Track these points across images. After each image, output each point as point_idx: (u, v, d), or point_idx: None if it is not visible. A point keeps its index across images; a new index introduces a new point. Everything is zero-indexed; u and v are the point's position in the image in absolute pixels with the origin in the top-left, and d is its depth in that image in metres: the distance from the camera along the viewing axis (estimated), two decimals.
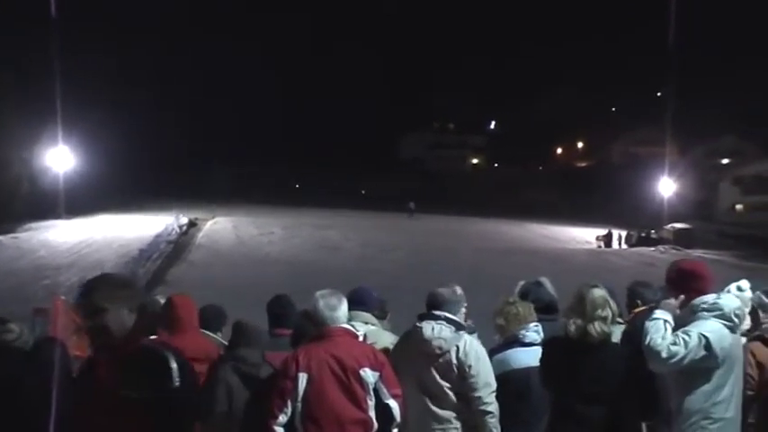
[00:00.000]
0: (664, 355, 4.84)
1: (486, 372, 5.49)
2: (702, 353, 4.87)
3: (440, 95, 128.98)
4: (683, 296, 5.15)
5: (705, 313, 5.09)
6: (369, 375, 5.05)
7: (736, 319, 5.07)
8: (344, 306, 5.31)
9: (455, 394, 5.46)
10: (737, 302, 5.13)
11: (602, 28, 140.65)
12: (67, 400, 4.53)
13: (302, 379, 5.00)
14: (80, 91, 72.58)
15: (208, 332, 6.28)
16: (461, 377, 5.43)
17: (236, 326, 5.65)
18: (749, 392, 5.43)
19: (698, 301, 5.15)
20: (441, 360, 5.45)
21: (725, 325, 5.03)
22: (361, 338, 5.91)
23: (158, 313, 6.21)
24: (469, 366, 5.43)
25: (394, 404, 5.13)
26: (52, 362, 5.18)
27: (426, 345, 5.43)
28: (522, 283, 6.86)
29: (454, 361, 5.44)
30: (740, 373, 5.14)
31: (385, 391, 5.10)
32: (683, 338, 4.87)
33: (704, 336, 4.92)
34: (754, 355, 5.48)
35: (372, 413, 5.08)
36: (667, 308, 5.07)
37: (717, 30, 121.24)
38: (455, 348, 5.45)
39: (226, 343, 6.28)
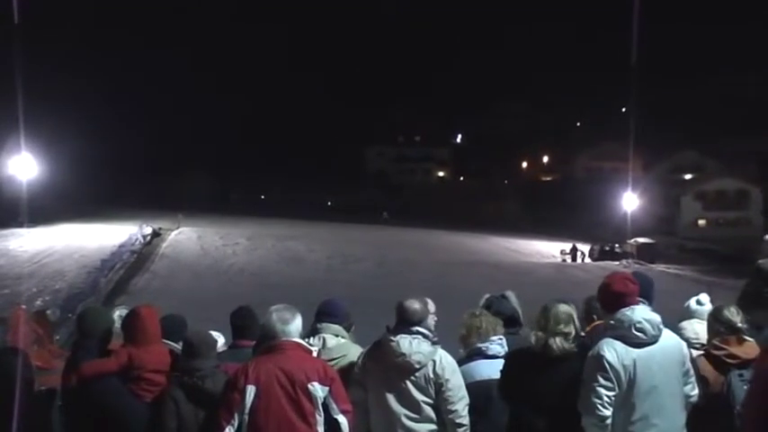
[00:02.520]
0: (602, 418, 4.95)
1: (461, 385, 5.50)
2: (600, 378, 4.95)
3: (406, 108, 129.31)
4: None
5: (608, 332, 5.16)
6: (318, 390, 5.02)
7: (639, 333, 5.03)
8: (298, 320, 5.29)
9: (431, 408, 5.46)
10: (640, 316, 5.06)
11: (566, 44, 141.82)
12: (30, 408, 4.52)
13: (250, 391, 4.97)
14: (44, 99, 72.13)
15: (170, 342, 6.27)
16: (438, 391, 5.43)
17: (184, 338, 5.63)
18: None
19: (607, 318, 5.24)
20: (418, 374, 5.44)
21: (625, 341, 5.03)
22: (326, 350, 5.93)
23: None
24: (446, 380, 5.43)
25: (343, 420, 5.11)
26: (14, 371, 5.15)
27: (404, 359, 5.41)
28: (486, 296, 6.88)
29: (431, 375, 5.43)
30: (666, 387, 5.07)
31: (334, 406, 5.07)
32: (594, 394, 4.96)
33: (599, 356, 4.99)
34: (698, 370, 5.52)
35: (321, 428, 5.05)
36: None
37: (680, 47, 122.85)
38: (432, 362, 5.45)
39: None
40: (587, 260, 61.80)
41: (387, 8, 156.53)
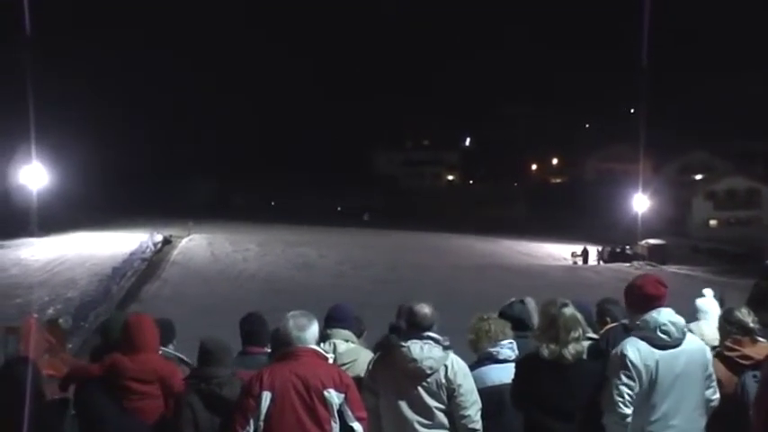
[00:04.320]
0: (623, 416, 4.99)
1: (473, 390, 5.48)
2: (623, 376, 4.99)
3: (414, 112, 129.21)
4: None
5: (633, 332, 5.20)
6: (333, 396, 4.99)
7: (663, 335, 5.06)
8: (314, 327, 5.26)
9: (443, 414, 5.44)
10: (666, 318, 5.09)
11: (575, 45, 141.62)
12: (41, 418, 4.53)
13: (265, 397, 4.95)
14: (54, 109, 72.34)
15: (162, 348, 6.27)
16: (450, 396, 5.41)
17: (200, 345, 5.62)
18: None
19: (633, 318, 5.27)
20: (429, 380, 5.42)
21: (649, 342, 5.06)
22: (339, 356, 5.94)
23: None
24: (459, 385, 5.41)
25: (358, 427, 5.07)
26: (24, 381, 5.15)
27: (416, 365, 5.39)
28: (512, 300, 6.89)
29: (443, 380, 5.41)
30: (686, 389, 5.10)
31: (350, 413, 5.03)
32: (616, 392, 5.00)
33: (623, 355, 5.02)
34: None
35: None
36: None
37: (688, 46, 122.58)
38: (444, 368, 5.42)
39: (178, 354, 6.28)
40: (599, 262, 61.71)
41: (390, 10, 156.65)
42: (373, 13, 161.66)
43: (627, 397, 4.97)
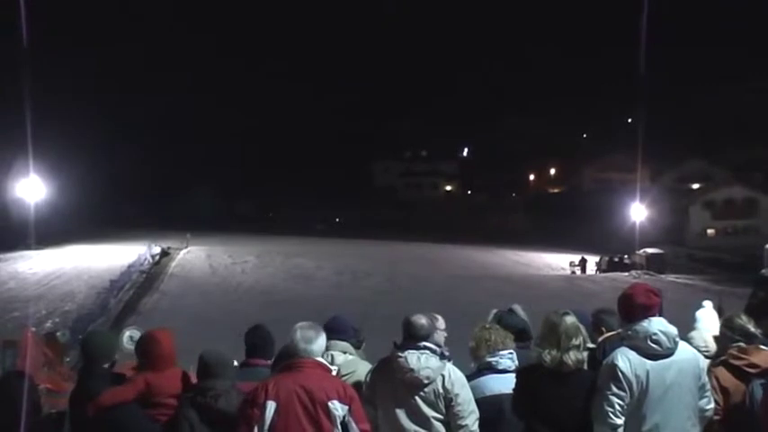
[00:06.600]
0: (613, 426, 4.95)
1: (471, 399, 5.47)
2: (613, 387, 4.96)
3: (412, 123, 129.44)
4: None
5: (623, 341, 5.17)
6: (337, 408, 4.98)
7: (654, 345, 5.02)
8: (321, 339, 5.26)
9: (441, 424, 5.42)
10: (656, 328, 5.05)
11: (572, 55, 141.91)
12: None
13: (270, 407, 4.94)
14: (51, 121, 72.39)
15: None
16: (448, 406, 5.40)
17: (200, 358, 5.58)
18: (715, 417, 5.41)
19: (624, 328, 5.24)
20: (427, 389, 5.41)
21: (640, 352, 5.02)
22: (338, 368, 5.93)
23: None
24: (456, 395, 5.40)
25: None
26: (20, 395, 5.11)
27: (413, 375, 5.39)
28: (494, 311, 6.85)
29: (440, 390, 5.40)
30: (678, 399, 5.04)
31: (354, 425, 5.02)
32: (606, 402, 4.97)
33: (613, 365, 5.00)
34: (718, 380, 5.48)
35: None
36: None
37: (686, 56, 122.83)
38: (441, 377, 5.42)
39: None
40: (596, 271, 61.73)
41: (392, 21, 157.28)
42: (374, 26, 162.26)
43: (617, 407, 4.94)
